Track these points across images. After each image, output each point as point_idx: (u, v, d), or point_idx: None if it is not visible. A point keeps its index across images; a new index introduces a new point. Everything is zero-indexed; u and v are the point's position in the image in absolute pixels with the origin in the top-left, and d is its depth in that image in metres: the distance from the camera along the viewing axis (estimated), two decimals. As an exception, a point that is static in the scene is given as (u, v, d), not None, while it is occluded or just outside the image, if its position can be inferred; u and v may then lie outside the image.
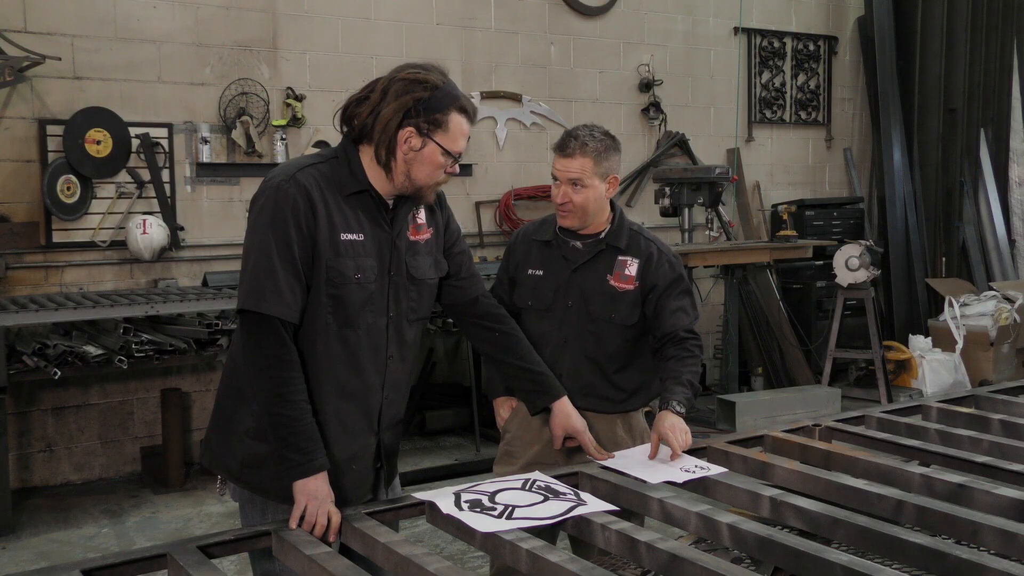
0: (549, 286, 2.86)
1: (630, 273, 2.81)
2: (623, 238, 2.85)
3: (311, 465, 2.09)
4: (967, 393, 3.18)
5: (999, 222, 8.73)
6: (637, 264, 2.82)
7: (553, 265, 2.88)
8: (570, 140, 2.79)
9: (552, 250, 2.89)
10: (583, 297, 2.83)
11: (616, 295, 2.81)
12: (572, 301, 2.83)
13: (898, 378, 7.18)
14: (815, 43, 8.56)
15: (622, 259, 2.83)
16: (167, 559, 1.88)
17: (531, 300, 2.88)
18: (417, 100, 2.15)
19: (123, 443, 5.79)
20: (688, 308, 2.84)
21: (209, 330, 5.11)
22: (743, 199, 8.15)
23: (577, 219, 2.82)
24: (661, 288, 2.81)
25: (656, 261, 2.83)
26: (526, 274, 2.91)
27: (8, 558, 4.48)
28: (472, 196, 6.92)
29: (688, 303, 2.85)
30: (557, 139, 2.86)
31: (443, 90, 2.18)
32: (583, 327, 2.83)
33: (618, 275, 2.82)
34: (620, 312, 2.81)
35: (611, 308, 2.82)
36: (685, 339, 2.76)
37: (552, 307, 2.85)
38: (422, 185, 2.23)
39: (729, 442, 2.60)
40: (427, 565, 1.77)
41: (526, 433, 2.89)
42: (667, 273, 2.83)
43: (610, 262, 2.83)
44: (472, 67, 6.86)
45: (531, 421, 2.85)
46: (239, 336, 2.24)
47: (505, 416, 2.97)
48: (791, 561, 1.84)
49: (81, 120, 5.47)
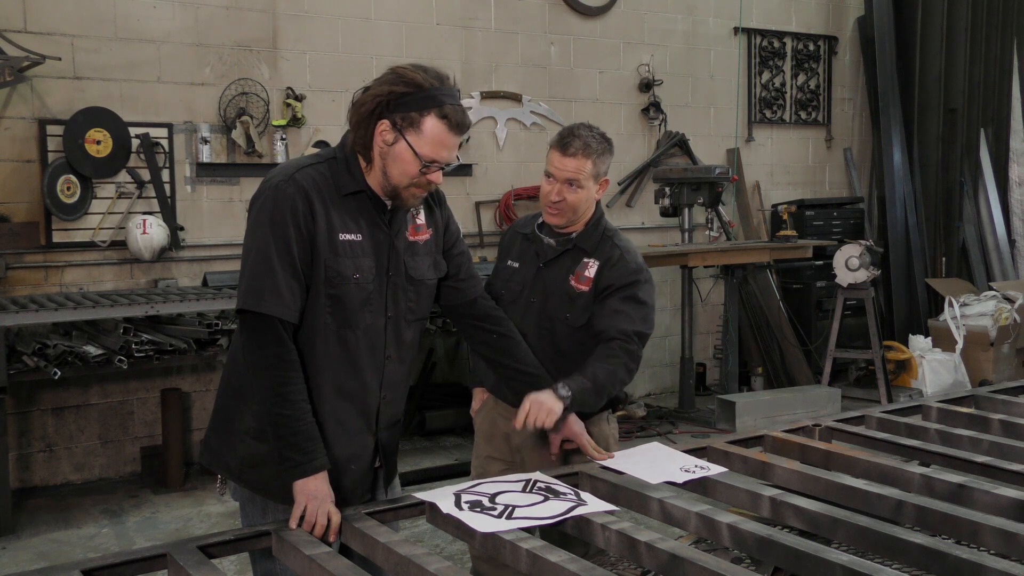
0: (519, 279, 2.88)
1: (588, 275, 2.80)
2: (592, 240, 2.84)
3: (311, 465, 2.10)
4: (967, 393, 3.18)
5: (999, 222, 8.73)
6: (597, 266, 2.81)
7: (527, 259, 2.90)
8: (573, 139, 2.76)
9: (530, 244, 2.91)
10: (544, 294, 2.84)
11: (573, 295, 2.81)
12: (535, 297, 2.85)
13: (898, 378, 7.18)
14: (815, 43, 8.56)
15: (586, 261, 2.82)
16: (167, 559, 1.88)
17: (503, 290, 2.90)
18: (393, 94, 2.14)
19: (123, 443, 5.79)
20: (631, 312, 2.74)
21: (209, 330, 5.11)
22: (743, 199, 8.15)
23: (566, 218, 2.82)
24: (609, 289, 2.78)
25: (614, 263, 2.80)
26: (505, 264, 2.94)
27: (8, 558, 4.48)
28: (472, 196, 6.92)
29: (632, 308, 2.75)
30: (555, 136, 2.84)
31: (427, 92, 2.14)
32: (540, 324, 2.83)
33: (578, 275, 2.81)
34: (574, 313, 2.80)
35: (566, 308, 2.81)
36: (613, 339, 2.69)
37: (518, 299, 2.86)
38: (397, 185, 2.20)
39: (729, 442, 2.60)
40: (427, 565, 1.77)
41: (488, 427, 2.98)
42: (620, 276, 2.78)
43: (575, 262, 2.83)
44: (472, 67, 6.86)
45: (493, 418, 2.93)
46: (239, 336, 2.24)
47: (475, 407, 3.05)
48: (791, 561, 1.84)
49: (81, 120, 5.47)
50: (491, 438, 2.98)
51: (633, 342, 2.71)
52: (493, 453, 2.96)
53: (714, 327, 7.94)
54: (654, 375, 7.82)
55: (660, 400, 7.45)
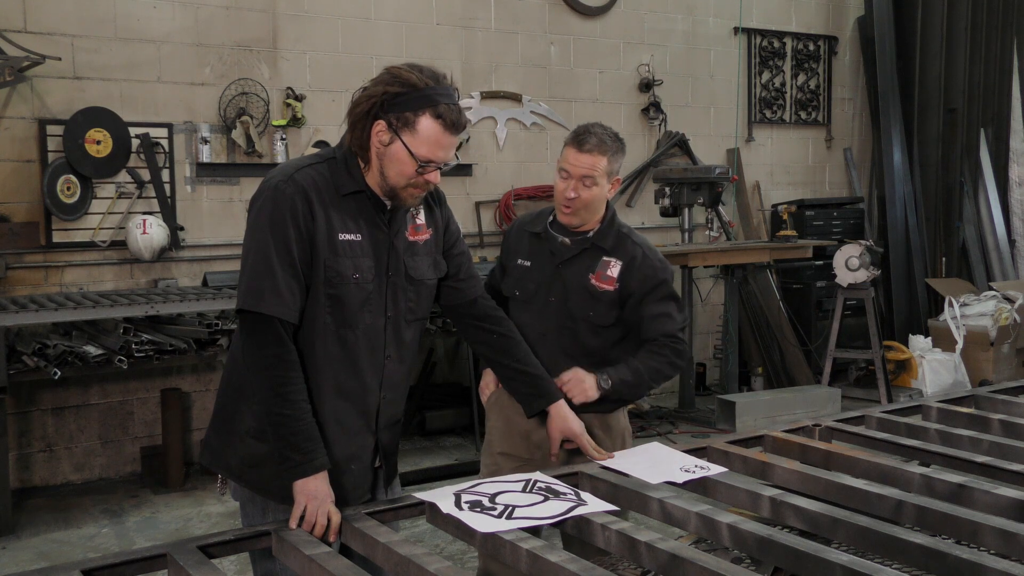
0: (534, 278, 2.87)
1: (612, 274, 2.81)
2: (610, 239, 2.85)
3: (311, 465, 2.09)
4: (967, 393, 3.18)
5: (999, 222, 8.73)
6: (620, 266, 2.81)
7: (540, 258, 2.88)
8: (589, 136, 2.77)
9: (541, 243, 2.89)
10: (564, 293, 2.83)
11: (596, 294, 2.81)
12: (554, 296, 2.83)
13: (898, 378, 7.18)
14: (815, 43, 8.56)
15: (606, 260, 2.82)
16: (167, 559, 1.88)
17: (516, 290, 2.89)
18: (388, 94, 2.13)
19: (123, 443, 5.79)
20: (673, 312, 2.82)
21: (209, 330, 5.11)
22: (743, 199, 8.15)
23: (580, 217, 2.82)
24: (641, 292, 2.80)
25: (639, 264, 2.81)
26: (515, 263, 2.92)
27: (8, 558, 4.48)
28: (472, 196, 6.91)
29: (672, 308, 2.83)
30: (570, 134, 2.84)
31: (422, 92, 2.13)
32: (562, 323, 2.82)
33: (600, 275, 2.81)
34: (598, 311, 2.80)
35: (589, 307, 2.81)
36: (659, 340, 2.78)
37: (534, 299, 2.85)
38: (394, 185, 2.20)
39: (729, 442, 2.59)
40: (427, 565, 1.77)
41: (504, 424, 2.93)
42: (649, 277, 2.81)
43: (594, 261, 2.83)
44: (472, 67, 6.86)
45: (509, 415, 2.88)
46: (239, 336, 2.24)
47: (490, 387, 2.96)
48: (791, 561, 1.84)
49: (81, 120, 5.47)
50: (507, 435, 2.92)
51: (680, 341, 2.80)
52: (508, 450, 2.91)
53: (714, 327, 7.94)
54: (654, 375, 7.81)
55: (660, 400, 7.45)
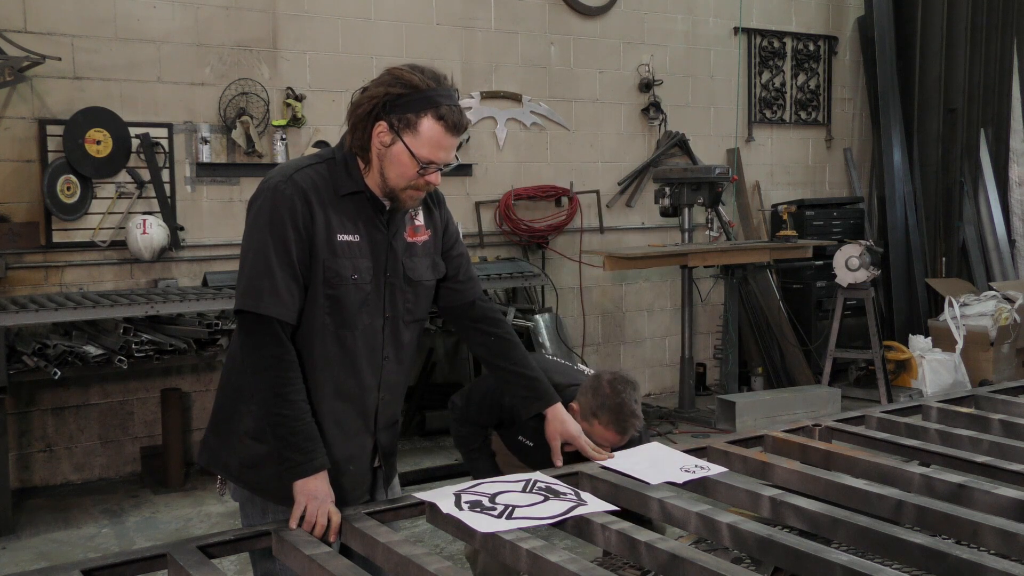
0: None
1: None
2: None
3: (311, 465, 2.09)
4: (967, 393, 3.18)
5: (999, 222, 8.73)
6: None
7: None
8: (634, 420, 2.91)
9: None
10: None
11: None
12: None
13: (898, 378, 7.18)
14: (815, 43, 8.55)
15: None
16: (167, 559, 1.88)
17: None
18: (389, 95, 2.13)
19: (123, 443, 5.79)
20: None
21: (209, 330, 5.11)
22: (743, 199, 8.15)
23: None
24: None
25: None
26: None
27: (8, 558, 4.48)
28: (472, 196, 6.91)
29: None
30: (609, 414, 2.91)
31: (423, 93, 2.13)
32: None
33: None
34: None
35: None
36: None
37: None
38: (395, 186, 2.20)
39: (729, 442, 2.59)
40: (427, 565, 1.77)
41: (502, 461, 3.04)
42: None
43: None
44: (472, 67, 6.86)
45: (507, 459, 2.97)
46: (237, 336, 2.24)
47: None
48: (791, 561, 1.84)
49: (81, 120, 5.47)
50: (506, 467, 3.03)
51: None
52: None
53: (714, 327, 7.94)
54: (654, 375, 7.82)
55: (660, 400, 7.45)
